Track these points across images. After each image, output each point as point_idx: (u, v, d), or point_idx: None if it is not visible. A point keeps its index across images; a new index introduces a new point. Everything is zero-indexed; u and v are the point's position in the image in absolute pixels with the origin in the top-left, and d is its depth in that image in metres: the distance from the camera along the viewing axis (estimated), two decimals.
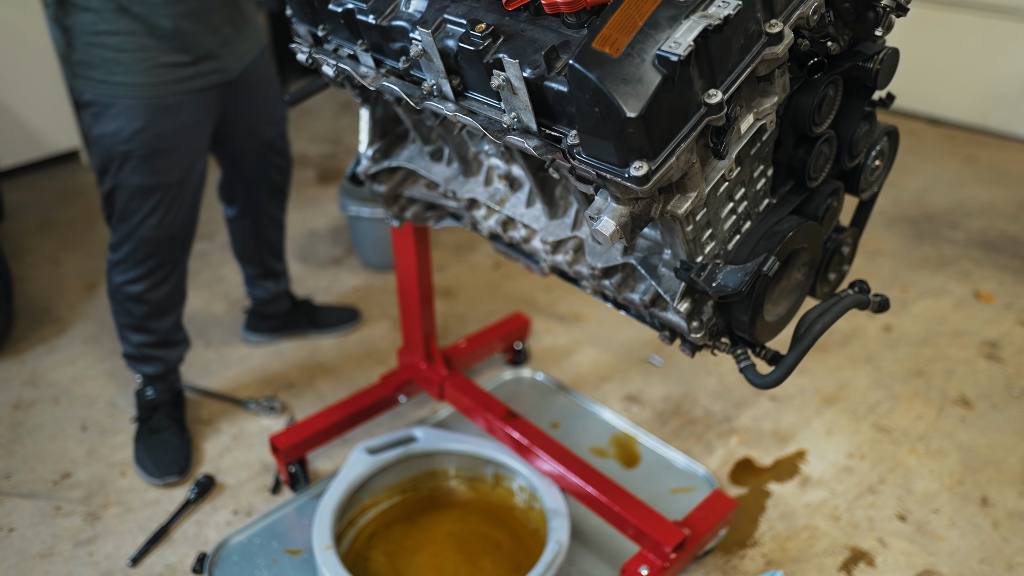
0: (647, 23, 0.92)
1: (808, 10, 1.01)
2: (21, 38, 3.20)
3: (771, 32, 0.97)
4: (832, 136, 1.23)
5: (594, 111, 0.94)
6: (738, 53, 0.97)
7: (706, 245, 1.18)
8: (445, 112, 1.15)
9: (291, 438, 1.84)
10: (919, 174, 3.47)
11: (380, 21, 1.20)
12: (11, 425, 2.12)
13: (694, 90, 0.94)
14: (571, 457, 1.75)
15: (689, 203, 1.05)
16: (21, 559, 1.75)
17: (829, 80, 1.15)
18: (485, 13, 1.11)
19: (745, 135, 1.08)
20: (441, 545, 1.79)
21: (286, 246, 2.34)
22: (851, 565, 1.75)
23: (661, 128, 0.94)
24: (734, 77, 0.97)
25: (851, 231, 1.40)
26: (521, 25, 1.07)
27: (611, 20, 0.94)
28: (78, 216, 3.16)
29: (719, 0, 0.92)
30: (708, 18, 0.90)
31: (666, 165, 0.95)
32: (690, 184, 1.04)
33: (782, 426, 2.13)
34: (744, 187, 1.18)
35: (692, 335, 1.27)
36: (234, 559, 1.74)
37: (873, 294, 1.30)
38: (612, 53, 0.92)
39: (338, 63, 1.32)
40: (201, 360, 2.36)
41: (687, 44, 0.88)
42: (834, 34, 1.12)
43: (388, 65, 1.26)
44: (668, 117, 0.94)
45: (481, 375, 2.32)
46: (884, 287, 2.70)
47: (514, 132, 1.08)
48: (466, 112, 1.14)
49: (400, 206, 1.73)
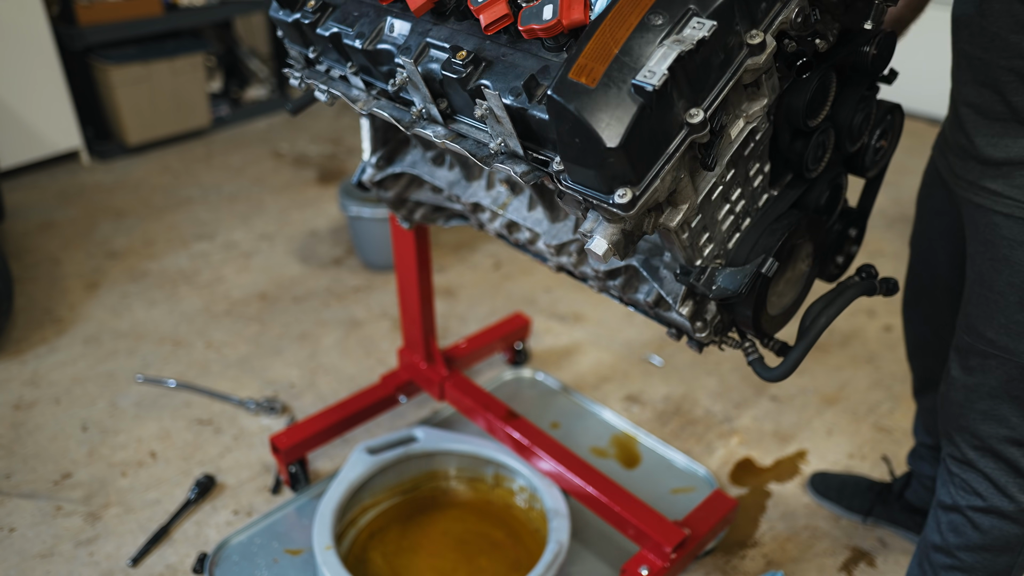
0: (622, 50, 0.91)
1: (791, 14, 0.99)
2: (21, 38, 3.21)
3: (752, 43, 0.95)
4: (831, 133, 1.21)
5: (575, 141, 0.94)
6: (718, 69, 0.95)
7: (704, 248, 1.17)
8: (434, 140, 1.16)
9: (291, 438, 1.84)
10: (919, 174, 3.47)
11: (366, 46, 1.21)
12: (12, 425, 2.12)
13: (675, 111, 0.93)
14: (571, 457, 1.75)
15: (681, 215, 1.04)
16: (22, 559, 1.75)
17: (821, 75, 1.13)
18: (466, 37, 1.12)
19: (736, 140, 1.07)
20: (440, 545, 1.79)
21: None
22: (851, 565, 1.75)
23: (643, 154, 0.93)
24: (716, 93, 0.96)
25: (859, 212, 1.38)
26: (502, 49, 1.08)
27: (586, 48, 0.93)
28: (78, 216, 3.16)
29: (694, 21, 0.91)
30: (682, 43, 0.89)
31: (651, 189, 0.95)
32: (681, 197, 1.04)
33: (783, 426, 2.13)
34: (740, 187, 1.18)
35: (697, 334, 1.27)
36: (234, 559, 1.74)
37: (881, 278, 1.29)
38: (589, 83, 0.91)
39: (330, 88, 1.33)
40: (201, 360, 2.36)
41: (661, 73, 0.87)
42: (822, 31, 1.10)
43: (378, 87, 1.27)
44: (650, 142, 0.93)
45: (481, 375, 2.32)
46: None
47: (501, 157, 1.09)
48: (454, 137, 1.15)
49: (408, 209, 1.73)
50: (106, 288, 2.70)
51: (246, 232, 3.06)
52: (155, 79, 3.62)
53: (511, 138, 1.06)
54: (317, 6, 1.29)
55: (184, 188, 3.43)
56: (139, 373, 2.30)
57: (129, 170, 3.58)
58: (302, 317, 2.56)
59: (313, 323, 2.53)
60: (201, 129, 3.93)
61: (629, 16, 0.93)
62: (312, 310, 2.60)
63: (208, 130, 3.98)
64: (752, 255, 1.20)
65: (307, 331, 2.49)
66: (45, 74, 3.31)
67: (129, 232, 3.06)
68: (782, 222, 1.21)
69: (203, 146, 3.86)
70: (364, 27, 1.22)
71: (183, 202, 3.31)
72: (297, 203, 3.29)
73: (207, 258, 2.87)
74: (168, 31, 3.74)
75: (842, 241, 1.38)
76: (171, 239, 3.01)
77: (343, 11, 1.28)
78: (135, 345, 2.42)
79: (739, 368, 2.33)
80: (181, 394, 2.22)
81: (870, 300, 2.63)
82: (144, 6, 3.56)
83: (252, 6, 3.96)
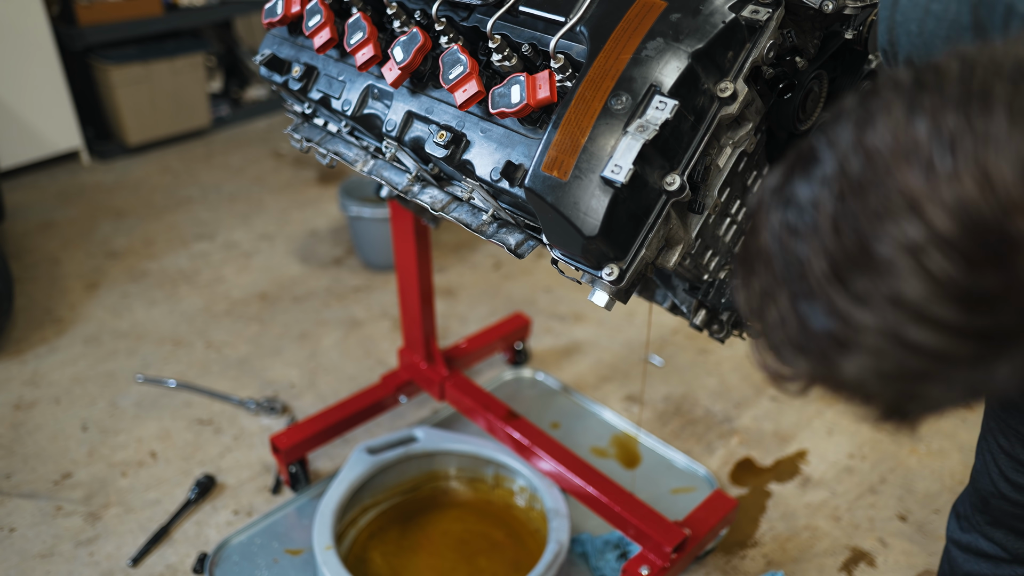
0: (588, 140, 0.92)
1: (761, 52, 0.96)
2: (21, 38, 3.21)
3: (723, 96, 0.94)
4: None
5: (556, 228, 0.96)
6: (690, 131, 0.95)
7: (710, 263, 1.18)
8: (431, 211, 1.18)
9: (292, 438, 1.84)
10: None
11: (354, 112, 1.25)
12: (12, 425, 2.12)
13: (651, 185, 0.94)
14: (572, 457, 1.75)
15: (676, 256, 1.05)
16: (22, 559, 1.75)
17: (809, 79, 1.10)
18: (446, 107, 1.14)
19: (725, 168, 1.06)
20: (440, 545, 1.79)
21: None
22: (852, 565, 1.75)
23: (624, 233, 0.95)
24: (692, 151, 0.96)
25: None
26: (481, 125, 1.09)
27: (555, 140, 0.94)
28: (78, 216, 3.16)
29: (656, 101, 0.91)
30: (645, 130, 0.89)
31: (638, 259, 0.97)
32: (674, 240, 1.04)
33: (783, 426, 2.13)
34: (740, 197, 1.17)
35: (715, 335, 1.28)
36: (235, 559, 1.74)
37: None
38: (561, 177, 0.93)
39: (330, 153, 1.36)
40: (201, 360, 2.36)
41: (628, 168, 0.88)
42: (801, 45, 1.07)
43: (374, 144, 1.29)
44: (629, 221, 0.94)
45: (481, 375, 2.31)
46: None
47: (494, 227, 1.12)
48: (451, 201, 1.17)
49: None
50: (106, 288, 2.70)
51: (246, 232, 3.06)
52: (155, 79, 3.62)
53: (501, 210, 1.10)
54: (302, 73, 1.33)
55: (184, 188, 3.43)
56: (139, 373, 2.30)
57: (129, 170, 3.58)
58: (302, 317, 2.56)
59: (313, 323, 2.53)
60: (201, 129, 3.93)
61: (592, 102, 0.93)
62: (312, 310, 2.60)
63: (208, 130, 3.97)
64: None
65: (307, 331, 2.49)
66: (45, 74, 3.31)
67: (129, 232, 3.06)
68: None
69: (203, 146, 3.86)
70: (350, 94, 1.26)
71: (183, 202, 3.31)
72: (297, 203, 3.29)
73: (207, 258, 2.87)
74: (168, 31, 3.74)
75: None
76: (171, 239, 3.01)
77: (326, 79, 1.31)
78: (135, 345, 2.42)
79: (739, 368, 2.33)
80: (181, 394, 2.22)
81: None
82: (144, 6, 3.56)
83: (252, 6, 3.96)
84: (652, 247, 0.98)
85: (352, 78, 1.27)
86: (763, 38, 0.95)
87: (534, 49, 1.05)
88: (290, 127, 1.44)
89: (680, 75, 0.91)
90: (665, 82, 0.91)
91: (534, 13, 1.06)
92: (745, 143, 1.06)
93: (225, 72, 4.21)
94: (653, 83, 0.91)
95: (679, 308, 1.37)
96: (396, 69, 1.12)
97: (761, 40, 0.95)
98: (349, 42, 1.19)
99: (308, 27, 1.25)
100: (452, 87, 1.06)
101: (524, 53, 1.05)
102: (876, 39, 1.12)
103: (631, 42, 0.94)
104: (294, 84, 1.33)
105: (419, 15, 1.18)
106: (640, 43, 0.93)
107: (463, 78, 1.04)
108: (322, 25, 1.23)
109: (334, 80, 1.29)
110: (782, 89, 1.06)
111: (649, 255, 0.98)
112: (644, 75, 0.92)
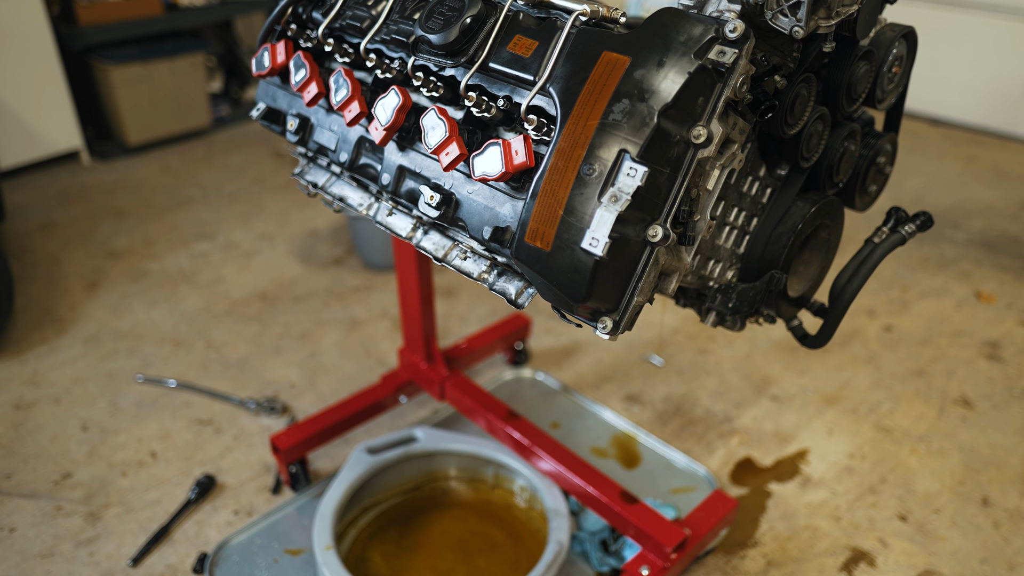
0: (566, 210, 0.94)
1: (735, 86, 0.95)
2: (21, 38, 3.21)
3: (697, 143, 0.94)
4: (825, 113, 1.15)
5: (546, 291, 0.99)
6: (668, 181, 0.95)
7: (714, 270, 1.18)
8: (435, 260, 1.20)
9: (292, 438, 1.84)
10: (920, 174, 3.47)
11: (351, 164, 1.28)
12: (12, 425, 2.12)
13: (633, 241, 0.95)
14: (572, 457, 1.75)
15: (675, 283, 1.06)
16: (22, 559, 1.75)
17: (793, 92, 1.08)
18: (433, 162, 1.16)
19: (715, 190, 1.05)
20: (440, 545, 1.79)
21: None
22: (852, 565, 1.75)
23: (611, 290, 0.97)
24: (672, 199, 0.96)
25: (887, 136, 1.31)
26: (467, 184, 1.10)
27: (535, 211, 0.96)
28: (78, 216, 3.16)
29: (627, 167, 0.90)
30: (618, 200, 0.90)
31: (631, 307, 0.99)
32: (670, 268, 1.04)
33: (783, 426, 2.13)
34: (736, 205, 1.16)
35: (730, 328, 1.30)
36: (235, 559, 1.74)
37: (911, 220, 1.23)
38: (544, 247, 0.95)
39: (335, 200, 1.38)
40: (201, 360, 2.36)
41: (604, 241, 0.90)
42: (778, 65, 1.05)
43: (375, 187, 1.31)
44: (615, 278, 0.96)
45: (482, 375, 2.32)
46: (885, 287, 2.70)
47: (494, 275, 1.13)
48: (454, 247, 1.19)
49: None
50: (106, 288, 2.70)
51: (246, 232, 3.06)
52: (155, 79, 3.62)
53: (499, 261, 1.13)
54: (297, 126, 1.35)
55: (184, 188, 3.43)
56: (139, 373, 2.30)
57: (129, 170, 3.58)
58: (302, 317, 2.56)
59: (313, 323, 2.53)
60: (201, 129, 3.93)
61: (565, 172, 0.94)
62: (312, 310, 2.60)
63: (208, 130, 3.98)
64: (766, 252, 1.20)
65: (307, 331, 2.49)
66: (45, 74, 3.31)
67: (129, 232, 3.06)
68: (786, 225, 1.19)
69: (203, 146, 3.86)
70: (345, 146, 1.29)
71: (183, 202, 3.31)
72: (297, 203, 3.29)
73: (207, 258, 2.87)
74: (168, 31, 3.74)
75: (870, 168, 1.30)
76: (171, 239, 3.01)
77: (320, 130, 1.33)
78: (135, 345, 2.42)
79: (739, 368, 2.33)
80: (181, 394, 2.22)
81: (871, 301, 2.63)
82: (144, 6, 3.56)
83: (252, 6, 3.96)
84: (645, 291, 0.99)
85: (345, 131, 1.29)
86: (732, 77, 0.94)
87: (509, 102, 1.06)
88: (296, 169, 1.46)
89: (648, 137, 0.90)
90: (633, 148, 0.91)
91: (504, 71, 1.06)
92: (733, 161, 1.05)
93: (225, 72, 4.21)
94: (622, 148, 0.91)
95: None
96: (381, 129, 1.15)
97: (731, 79, 0.94)
98: (335, 99, 1.20)
99: (295, 82, 1.27)
100: (435, 151, 1.08)
101: (500, 107, 1.06)
102: (865, 24, 1.11)
103: (598, 105, 0.94)
104: (291, 137, 1.36)
105: (398, 64, 1.18)
106: (606, 106, 0.93)
107: (444, 142, 1.06)
108: (308, 80, 1.26)
109: (328, 131, 1.32)
110: (763, 111, 1.05)
111: (643, 299, 1.00)
112: (611, 142, 0.92)
